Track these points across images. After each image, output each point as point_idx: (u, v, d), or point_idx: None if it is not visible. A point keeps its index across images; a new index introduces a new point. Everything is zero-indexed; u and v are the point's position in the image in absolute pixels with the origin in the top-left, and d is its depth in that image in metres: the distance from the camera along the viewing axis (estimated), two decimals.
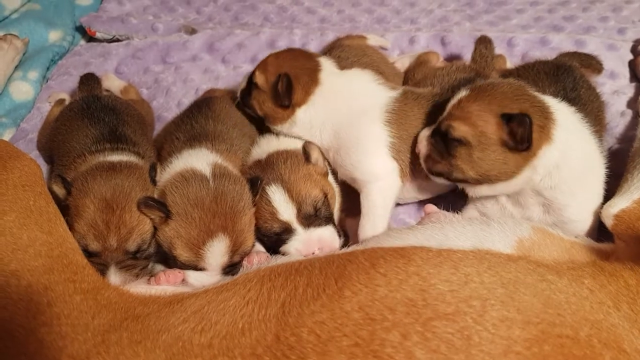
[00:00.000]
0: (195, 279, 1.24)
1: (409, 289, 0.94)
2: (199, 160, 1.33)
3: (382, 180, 1.38)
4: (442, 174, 1.28)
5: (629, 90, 1.78)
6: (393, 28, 2.10)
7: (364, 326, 0.90)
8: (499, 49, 1.89)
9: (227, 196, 1.24)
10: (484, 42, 1.60)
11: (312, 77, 1.43)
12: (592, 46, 1.86)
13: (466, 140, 1.20)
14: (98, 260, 1.22)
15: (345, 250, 1.19)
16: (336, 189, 1.44)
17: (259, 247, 1.35)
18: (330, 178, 1.44)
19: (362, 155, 1.38)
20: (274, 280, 1.05)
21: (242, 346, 0.94)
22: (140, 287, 1.16)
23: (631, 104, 1.74)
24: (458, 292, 0.94)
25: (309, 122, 1.44)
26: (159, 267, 1.34)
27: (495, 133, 1.18)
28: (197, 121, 1.53)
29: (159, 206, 1.22)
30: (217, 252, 1.21)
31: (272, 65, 1.45)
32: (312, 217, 1.29)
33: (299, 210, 1.28)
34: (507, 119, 1.17)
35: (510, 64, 1.80)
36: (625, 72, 1.84)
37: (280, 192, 1.28)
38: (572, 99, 1.40)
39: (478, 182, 1.25)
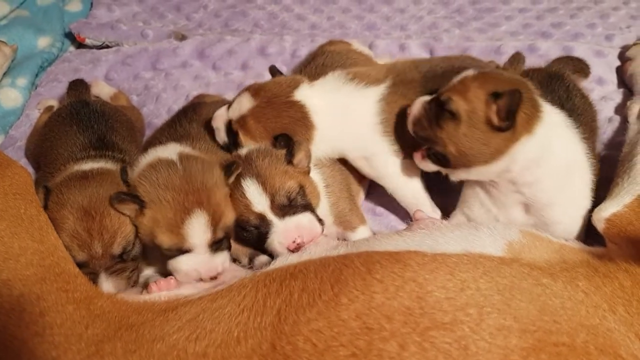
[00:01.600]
0: (186, 263, 1.23)
1: (406, 297, 0.94)
2: (166, 151, 1.33)
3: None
4: (424, 138, 1.30)
5: (617, 96, 1.79)
6: (383, 35, 2.10)
7: (361, 335, 0.90)
8: (487, 57, 1.91)
9: (197, 174, 1.24)
10: (517, 60, 1.60)
11: (304, 119, 1.43)
12: (580, 53, 1.87)
13: (458, 114, 1.21)
14: (87, 270, 1.21)
15: (339, 253, 1.18)
16: (323, 186, 1.43)
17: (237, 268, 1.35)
18: (316, 175, 1.42)
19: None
20: (269, 285, 1.05)
21: (237, 355, 0.93)
22: (134, 295, 1.15)
23: (619, 109, 1.75)
24: (455, 299, 0.94)
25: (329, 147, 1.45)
26: (148, 272, 1.33)
27: (483, 110, 1.19)
28: (181, 124, 1.53)
29: (132, 198, 1.22)
30: (197, 228, 1.20)
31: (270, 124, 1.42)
32: (286, 207, 1.28)
33: (272, 201, 1.28)
34: (496, 96, 1.18)
35: None
36: (613, 79, 1.86)
37: (254, 184, 1.28)
38: (568, 109, 1.41)
39: (455, 160, 1.25)
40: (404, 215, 1.57)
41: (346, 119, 1.43)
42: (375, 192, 1.62)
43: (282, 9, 2.27)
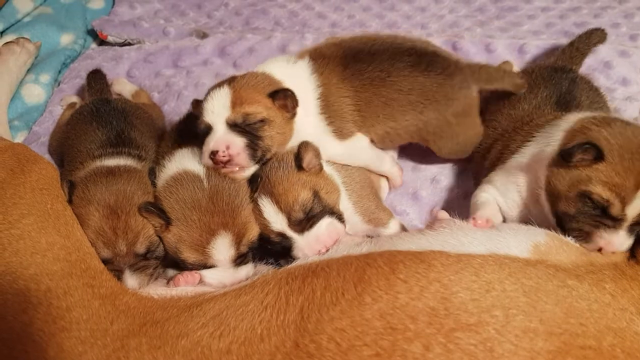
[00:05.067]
0: (211, 277, 1.26)
1: (430, 297, 0.94)
2: (191, 160, 1.33)
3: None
4: None
5: None
6: (404, 33, 2.08)
7: (385, 335, 0.90)
8: (510, 56, 1.90)
9: (223, 194, 1.25)
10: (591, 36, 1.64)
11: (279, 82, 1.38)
12: (603, 53, 1.86)
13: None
14: (111, 267, 1.23)
15: (362, 251, 1.18)
16: (345, 186, 1.43)
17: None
18: (330, 169, 1.41)
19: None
20: (291, 283, 1.06)
21: (260, 352, 0.94)
22: (160, 290, 1.16)
23: None
24: (480, 301, 0.94)
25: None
26: (172, 272, 1.34)
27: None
28: None
29: (159, 212, 1.23)
30: (222, 248, 1.23)
31: (255, 93, 1.33)
32: (303, 221, 1.28)
33: (289, 219, 1.28)
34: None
35: (516, 69, 1.79)
36: (638, 79, 1.83)
37: (269, 204, 1.28)
38: (566, 101, 1.43)
39: None
40: (425, 213, 1.58)
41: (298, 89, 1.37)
42: (395, 190, 1.63)
43: (303, 7, 2.27)
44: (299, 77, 1.39)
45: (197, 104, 1.36)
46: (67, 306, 1.04)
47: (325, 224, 1.29)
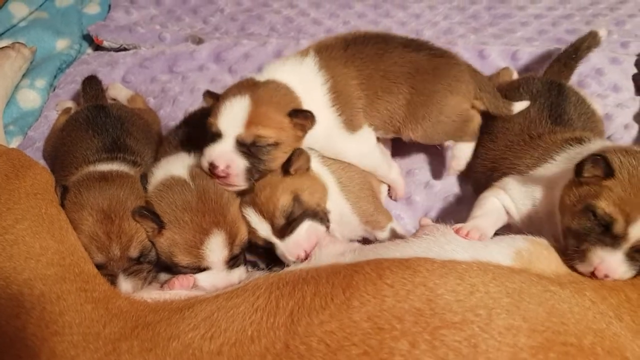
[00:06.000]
0: (204, 280, 1.27)
1: (416, 299, 0.96)
2: (175, 165, 1.35)
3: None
4: None
5: (633, 104, 1.80)
6: None
7: (372, 335, 0.92)
8: (503, 62, 1.92)
9: (210, 192, 1.28)
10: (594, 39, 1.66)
11: (297, 98, 1.38)
12: (595, 59, 1.88)
13: None
14: (105, 272, 1.23)
15: (346, 260, 1.20)
16: (344, 187, 1.44)
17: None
18: (317, 167, 1.42)
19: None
20: (282, 288, 1.07)
21: (251, 354, 0.95)
22: (154, 294, 1.18)
23: (636, 117, 1.76)
24: (464, 301, 0.96)
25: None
26: (165, 276, 1.35)
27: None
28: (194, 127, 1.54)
29: (153, 216, 1.25)
30: (216, 248, 1.25)
31: (274, 112, 1.32)
32: (284, 227, 1.30)
33: (272, 226, 1.30)
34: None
35: (516, 76, 1.82)
36: (629, 86, 1.86)
37: (254, 214, 1.30)
38: (558, 115, 1.45)
39: None
40: (419, 218, 1.59)
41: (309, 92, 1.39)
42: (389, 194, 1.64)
43: (298, 13, 2.29)
44: (309, 78, 1.41)
45: (210, 97, 1.36)
46: (60, 310, 1.05)
47: (305, 228, 1.30)
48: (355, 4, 2.29)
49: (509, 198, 1.34)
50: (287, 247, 1.29)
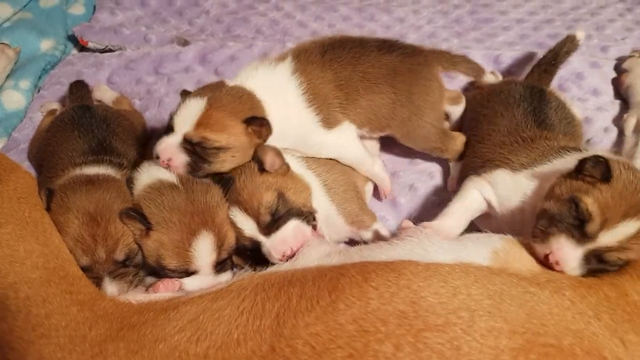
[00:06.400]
0: (191, 284, 1.26)
1: (400, 302, 0.98)
2: (161, 170, 1.34)
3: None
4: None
5: (612, 108, 1.83)
6: None
7: (357, 338, 0.93)
8: (485, 65, 1.94)
9: (199, 195, 1.28)
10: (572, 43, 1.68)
11: (258, 103, 1.41)
12: (575, 63, 1.91)
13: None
14: (90, 275, 1.23)
15: (332, 262, 1.22)
16: (328, 189, 1.46)
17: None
18: (298, 168, 1.44)
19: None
20: (268, 290, 1.08)
21: (237, 357, 0.96)
22: (139, 297, 1.18)
23: (615, 120, 1.79)
24: (447, 304, 0.98)
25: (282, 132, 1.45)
26: (150, 280, 1.35)
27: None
28: None
29: (140, 218, 1.25)
30: (204, 250, 1.24)
31: (229, 118, 1.35)
32: (270, 224, 1.30)
33: (258, 223, 1.30)
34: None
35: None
36: (608, 90, 1.89)
37: (239, 212, 1.31)
38: (541, 120, 1.47)
39: None
40: (405, 218, 1.61)
41: (280, 97, 1.43)
42: (375, 195, 1.67)
43: (284, 15, 2.30)
44: (279, 84, 1.44)
45: (185, 95, 1.40)
46: (46, 313, 1.05)
47: (292, 227, 1.31)
48: (340, 7, 2.31)
49: (492, 191, 1.37)
50: (274, 244, 1.29)
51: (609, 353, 0.96)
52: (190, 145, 1.31)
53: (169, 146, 1.31)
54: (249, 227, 1.31)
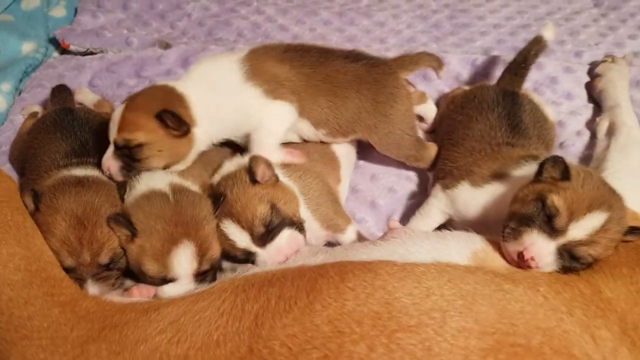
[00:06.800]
0: (169, 292, 1.27)
1: (375, 303, 1.00)
2: (157, 181, 1.38)
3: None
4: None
5: (585, 111, 1.87)
6: (363, 47, 2.13)
7: (333, 339, 0.95)
8: (463, 70, 1.99)
9: (188, 207, 1.30)
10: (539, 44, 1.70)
11: (177, 96, 1.46)
12: (550, 68, 1.96)
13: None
14: (74, 275, 1.25)
15: (317, 261, 1.24)
16: (303, 195, 1.47)
17: None
18: (286, 179, 1.46)
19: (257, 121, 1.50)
20: (248, 291, 1.10)
21: (217, 358, 0.98)
22: (115, 299, 1.19)
23: (588, 124, 1.83)
24: (420, 305, 1.00)
25: (208, 135, 1.50)
26: (130, 283, 1.37)
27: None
28: None
29: (127, 224, 1.26)
30: (183, 259, 1.25)
31: (141, 112, 1.41)
32: (264, 234, 1.32)
33: (252, 235, 1.32)
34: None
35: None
36: (582, 94, 1.94)
37: (232, 225, 1.33)
38: (515, 123, 1.51)
39: None
40: (382, 221, 1.64)
41: (213, 86, 1.49)
42: (355, 197, 1.70)
43: (266, 19, 2.31)
44: (220, 72, 1.51)
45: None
46: (28, 315, 1.06)
47: (286, 236, 1.33)
48: (321, 11, 2.33)
49: (452, 207, 1.44)
50: (270, 255, 1.32)
51: (579, 350, 0.99)
52: (120, 150, 1.39)
53: (106, 157, 1.41)
54: (243, 240, 1.33)
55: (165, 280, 1.27)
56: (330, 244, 1.53)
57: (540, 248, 1.17)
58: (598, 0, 2.35)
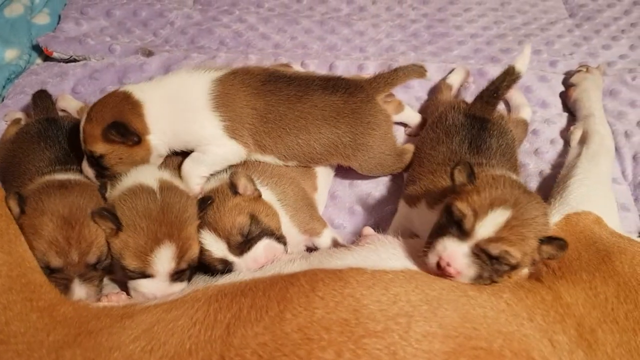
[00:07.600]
0: (145, 286, 1.30)
1: (344, 310, 1.03)
2: (146, 175, 1.41)
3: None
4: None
5: (559, 120, 1.92)
6: (343, 55, 2.20)
7: (302, 346, 0.98)
8: (440, 77, 2.02)
9: (174, 207, 1.32)
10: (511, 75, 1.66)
11: (132, 104, 1.48)
12: (525, 77, 1.96)
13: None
14: (61, 276, 1.27)
15: (294, 267, 1.27)
16: (278, 203, 1.49)
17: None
18: (269, 195, 1.49)
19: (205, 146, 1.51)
20: (221, 300, 1.12)
21: None
22: (93, 304, 1.21)
23: (562, 132, 1.88)
24: (387, 310, 1.04)
25: (163, 142, 1.51)
26: (110, 287, 1.40)
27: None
28: None
29: (112, 217, 1.29)
30: (164, 258, 1.28)
31: (96, 125, 1.45)
32: (242, 244, 1.34)
33: (229, 244, 1.34)
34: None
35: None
36: (556, 102, 1.99)
37: (209, 234, 1.35)
38: (478, 145, 1.52)
39: None
40: (360, 227, 1.66)
41: (176, 99, 1.50)
42: (333, 204, 1.73)
43: (247, 27, 2.34)
44: (189, 88, 1.52)
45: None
46: (6, 320, 1.08)
47: (263, 245, 1.35)
48: (302, 20, 2.36)
49: (409, 221, 1.48)
50: (247, 264, 1.34)
51: (537, 354, 1.03)
52: (89, 159, 1.46)
53: (83, 165, 1.48)
54: (219, 249, 1.35)
55: (144, 275, 1.30)
56: (308, 249, 1.57)
57: (453, 252, 1.18)
58: (573, 11, 2.41)
